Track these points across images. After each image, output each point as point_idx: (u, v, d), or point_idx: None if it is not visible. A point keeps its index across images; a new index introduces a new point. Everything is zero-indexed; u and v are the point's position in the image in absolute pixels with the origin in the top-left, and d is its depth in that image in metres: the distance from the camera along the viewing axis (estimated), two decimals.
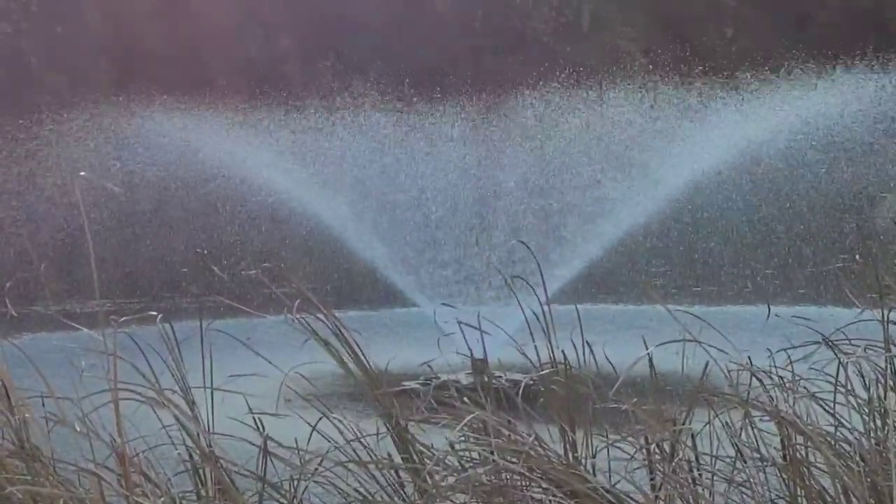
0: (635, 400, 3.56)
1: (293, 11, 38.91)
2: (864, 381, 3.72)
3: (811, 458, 3.52)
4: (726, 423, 3.67)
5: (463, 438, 3.52)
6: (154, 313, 3.82)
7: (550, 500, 3.36)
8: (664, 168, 17.74)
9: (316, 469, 3.52)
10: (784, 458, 3.56)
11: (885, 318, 3.87)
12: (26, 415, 3.44)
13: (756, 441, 3.59)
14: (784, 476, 3.56)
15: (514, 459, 3.39)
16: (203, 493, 3.58)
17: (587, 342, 3.86)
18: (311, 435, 3.66)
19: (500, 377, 3.92)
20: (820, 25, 34.61)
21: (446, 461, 3.53)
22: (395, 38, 38.34)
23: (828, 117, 18.96)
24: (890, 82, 19.89)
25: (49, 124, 23.12)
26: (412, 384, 7.65)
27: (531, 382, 3.79)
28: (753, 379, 3.66)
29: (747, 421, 3.60)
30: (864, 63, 20.60)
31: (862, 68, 20.24)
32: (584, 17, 39.50)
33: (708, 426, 3.65)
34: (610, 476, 3.58)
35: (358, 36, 38.49)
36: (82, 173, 18.46)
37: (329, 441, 3.63)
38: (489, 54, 38.14)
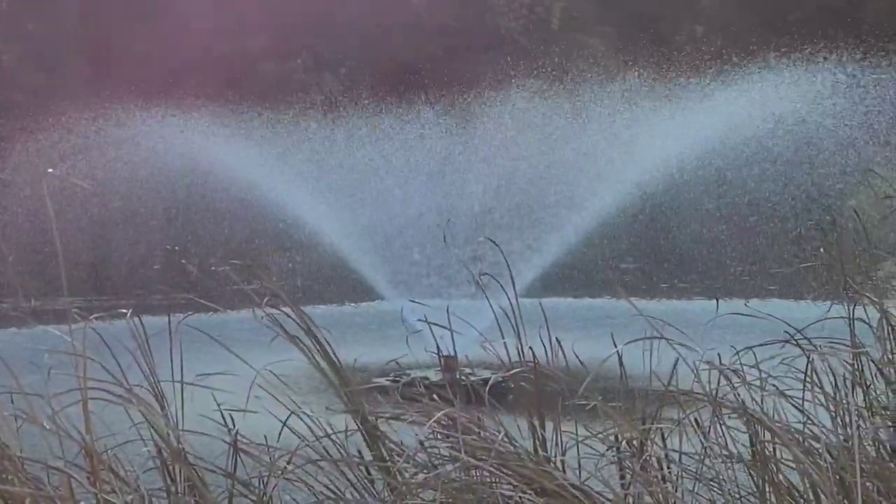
0: (601, 398, 3.57)
1: (267, 10, 38.84)
2: (832, 377, 3.74)
3: (779, 455, 3.53)
4: (695, 420, 3.68)
5: (432, 436, 3.52)
6: (124, 310, 3.81)
7: (520, 497, 3.36)
8: (636, 164, 17.76)
9: (286, 466, 3.52)
10: (752, 454, 3.57)
11: (852, 315, 3.90)
12: None
13: (725, 438, 3.61)
14: (752, 472, 3.57)
15: (484, 456, 3.40)
16: (173, 490, 3.57)
17: (557, 338, 3.86)
18: (280, 432, 3.66)
19: (470, 374, 3.91)
20: (791, 23, 34.77)
21: (416, 458, 3.53)
22: (368, 35, 38.29)
23: (799, 114, 19.03)
24: (862, 79, 19.98)
25: (20, 123, 22.99)
26: (382, 381, 7.63)
27: (501, 380, 3.80)
28: (721, 376, 3.67)
29: (716, 418, 3.61)
30: (836, 60, 20.67)
31: (834, 65, 20.31)
32: (556, 15, 39.55)
33: (677, 423, 3.66)
34: (580, 473, 3.59)
35: (331, 34, 38.44)
36: (50, 170, 18.39)
37: (299, 438, 3.63)
38: (463, 52, 38.14)
